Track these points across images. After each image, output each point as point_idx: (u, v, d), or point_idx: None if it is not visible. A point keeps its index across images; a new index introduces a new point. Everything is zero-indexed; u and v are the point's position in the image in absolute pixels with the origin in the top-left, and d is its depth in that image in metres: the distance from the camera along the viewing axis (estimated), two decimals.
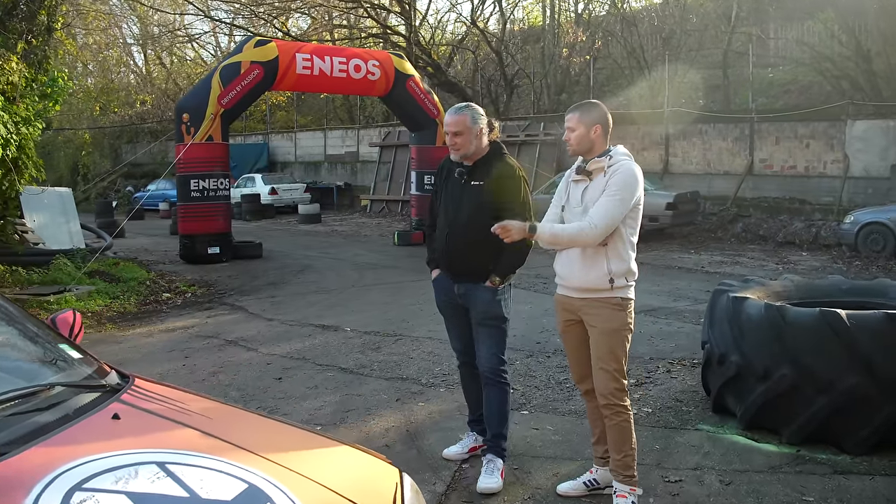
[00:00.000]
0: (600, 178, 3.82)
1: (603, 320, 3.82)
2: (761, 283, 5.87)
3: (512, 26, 29.99)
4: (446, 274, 4.37)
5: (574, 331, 4.01)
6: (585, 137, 3.88)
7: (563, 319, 4.06)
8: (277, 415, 5.37)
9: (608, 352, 3.82)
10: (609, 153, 3.86)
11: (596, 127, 3.86)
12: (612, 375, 3.81)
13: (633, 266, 3.86)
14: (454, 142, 4.21)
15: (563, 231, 3.81)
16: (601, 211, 3.72)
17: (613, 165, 3.81)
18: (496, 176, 4.22)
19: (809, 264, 13.36)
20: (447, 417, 5.31)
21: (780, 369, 4.72)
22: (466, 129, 4.19)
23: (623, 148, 3.94)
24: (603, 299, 3.82)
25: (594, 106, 3.96)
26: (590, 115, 3.89)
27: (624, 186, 3.74)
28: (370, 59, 16.20)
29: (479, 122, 4.23)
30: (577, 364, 4.07)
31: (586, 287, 3.85)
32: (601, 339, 3.83)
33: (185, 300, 10.47)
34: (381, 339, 7.81)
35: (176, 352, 7.40)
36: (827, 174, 17.53)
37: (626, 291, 3.84)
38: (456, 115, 4.21)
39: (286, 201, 27.58)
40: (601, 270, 3.79)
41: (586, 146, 3.90)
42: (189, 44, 36.75)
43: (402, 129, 26.16)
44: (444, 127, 4.28)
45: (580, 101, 4.07)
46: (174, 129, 14.73)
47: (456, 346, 4.57)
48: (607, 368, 3.81)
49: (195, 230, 14.11)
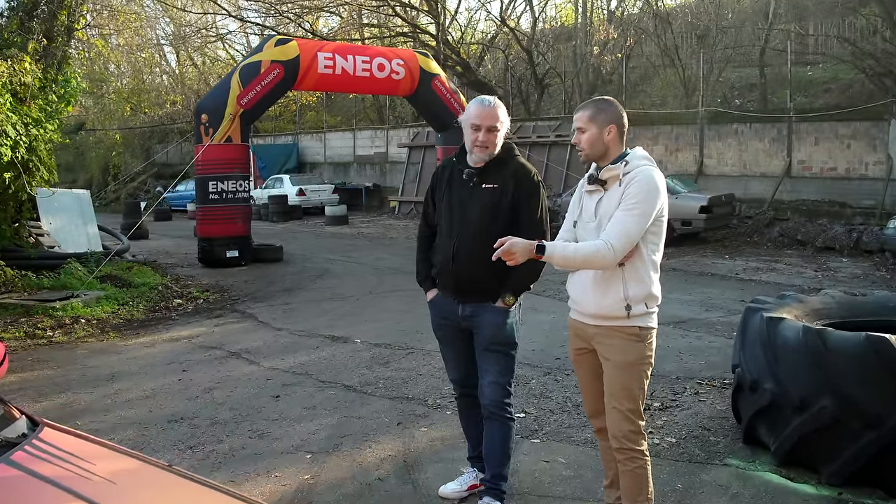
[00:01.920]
0: (616, 188, 3.32)
1: (618, 352, 3.33)
2: (798, 299, 5.32)
3: (543, 25, 29.46)
4: (448, 294, 3.85)
5: (587, 360, 3.54)
6: (598, 140, 3.37)
7: (575, 347, 3.58)
8: (268, 438, 4.98)
9: (622, 389, 3.33)
10: (625, 158, 3.36)
11: (610, 127, 3.36)
12: (626, 416, 3.32)
13: (654, 290, 3.36)
14: (487, 139, 3.65)
15: (575, 252, 3.27)
16: (618, 228, 3.21)
17: (630, 173, 3.30)
18: (513, 178, 3.72)
19: (850, 271, 12.71)
20: (450, 446, 4.86)
21: (819, 400, 4.21)
22: (501, 127, 3.69)
23: (642, 150, 3.44)
24: (618, 328, 3.33)
25: (607, 103, 3.43)
26: (603, 113, 3.37)
27: (643, 198, 3.22)
28: (394, 58, 15.82)
29: (507, 117, 3.75)
30: (590, 398, 3.60)
31: (600, 314, 3.36)
32: (615, 374, 3.34)
33: (196, 307, 10.15)
34: (390, 353, 7.38)
35: (175, 364, 7.04)
36: (868, 176, 16.81)
37: (645, 320, 3.34)
38: (490, 109, 3.67)
39: (314, 202, 27.32)
40: (617, 295, 3.30)
41: (599, 150, 3.39)
42: (219, 43, 36.66)
43: (431, 130, 25.78)
44: (474, 120, 3.64)
45: (591, 99, 3.52)
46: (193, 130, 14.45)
47: (454, 375, 4.05)
48: (620, 408, 3.32)
49: (214, 233, 13.81)
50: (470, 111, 3.72)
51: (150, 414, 5.55)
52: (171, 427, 5.26)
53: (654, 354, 3.40)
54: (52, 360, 7.24)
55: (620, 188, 3.29)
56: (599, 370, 3.46)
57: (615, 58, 23.32)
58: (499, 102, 3.74)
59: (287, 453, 4.76)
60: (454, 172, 3.86)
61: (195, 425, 5.28)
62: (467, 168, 3.78)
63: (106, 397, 6.01)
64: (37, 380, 6.58)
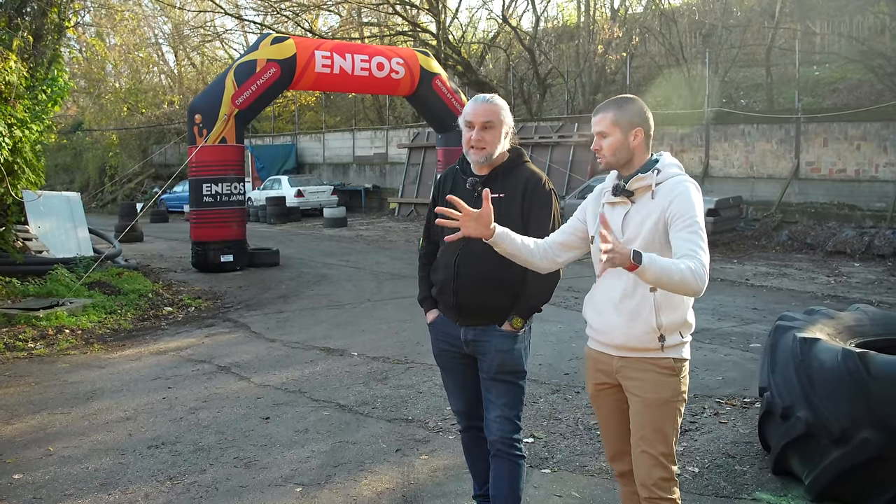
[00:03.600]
0: (646, 201, 2.89)
1: (649, 389, 2.89)
2: (829, 314, 4.90)
3: (545, 24, 29.06)
4: (450, 316, 3.44)
5: (609, 397, 3.09)
6: (623, 145, 2.93)
7: (596, 381, 3.11)
8: (255, 468, 4.58)
9: (654, 430, 2.89)
10: (655, 166, 2.92)
11: (636, 131, 2.92)
12: (658, 462, 2.88)
13: (689, 317, 2.93)
14: (481, 137, 3.25)
15: (673, 268, 2.59)
16: (698, 249, 2.69)
17: (665, 184, 2.87)
18: (523, 188, 3.31)
19: (864, 277, 12.32)
20: (453, 477, 4.45)
21: (861, 432, 3.81)
22: (498, 125, 3.28)
23: (671, 156, 2.99)
24: (649, 360, 2.89)
25: (631, 102, 2.97)
26: (628, 115, 2.92)
27: (698, 213, 2.78)
28: (394, 57, 15.42)
29: (509, 117, 3.33)
30: (613, 439, 3.14)
31: (628, 345, 2.92)
32: (646, 414, 2.90)
33: (187, 315, 9.74)
34: (389, 368, 6.97)
35: (160, 380, 6.63)
36: (879, 178, 16.40)
37: (679, 350, 2.91)
38: (484, 104, 3.28)
39: (313, 204, 26.94)
40: (647, 324, 2.86)
41: (623, 157, 2.95)
42: (218, 43, 36.28)
43: (431, 130, 25.39)
44: (467, 117, 3.28)
45: (611, 98, 3.07)
46: (187, 130, 14.04)
47: (458, 406, 3.62)
48: (652, 452, 2.88)
49: (208, 237, 13.41)
50: (465, 109, 3.33)
51: (130, 438, 5.14)
52: (150, 454, 4.84)
53: (686, 391, 2.97)
54: (30, 375, 6.83)
55: (654, 201, 2.86)
56: (624, 407, 3.03)
57: (619, 57, 22.90)
58: (498, 100, 3.33)
59: (275, 485, 4.35)
60: (457, 181, 3.45)
61: (177, 451, 4.87)
62: (471, 177, 3.38)
63: (84, 418, 5.60)
64: (11, 397, 6.17)
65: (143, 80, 39.20)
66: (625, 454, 3.09)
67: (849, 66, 19.17)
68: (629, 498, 3.16)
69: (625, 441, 3.07)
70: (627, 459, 3.08)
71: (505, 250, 3.00)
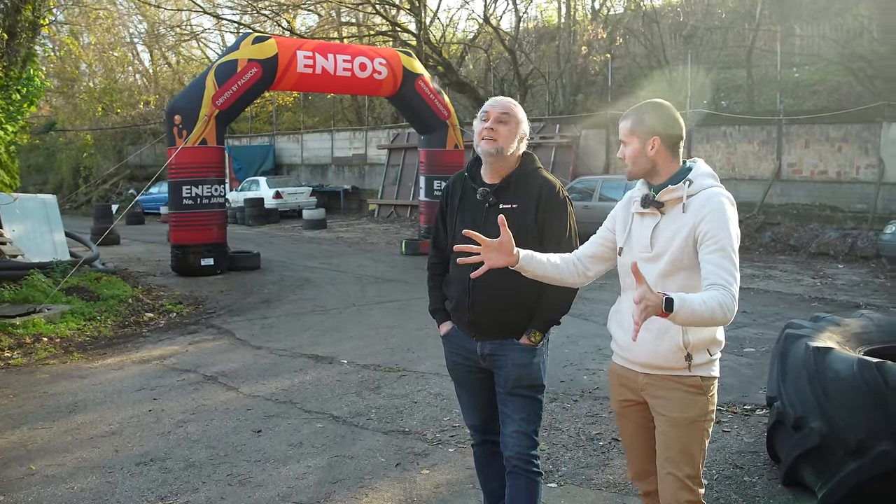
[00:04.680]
0: (677, 213, 2.75)
1: (676, 408, 2.77)
2: (835, 321, 4.81)
3: (526, 24, 28.98)
4: (465, 331, 3.29)
5: (634, 415, 2.96)
6: (641, 155, 2.81)
7: (621, 398, 2.99)
8: (250, 485, 4.40)
9: (681, 451, 2.76)
10: (686, 176, 2.77)
11: (653, 140, 2.78)
12: (684, 484, 2.75)
13: (719, 334, 2.81)
14: (496, 129, 3.12)
15: (703, 309, 2.49)
16: (728, 276, 2.58)
17: (697, 196, 2.72)
18: (537, 197, 3.17)
19: (849, 279, 12.32)
20: (457, 493, 4.30)
21: (880, 444, 3.71)
22: (514, 121, 3.16)
23: (705, 166, 2.86)
24: (676, 379, 2.77)
25: (652, 109, 2.83)
26: (645, 123, 2.79)
27: (731, 231, 2.66)
28: (376, 58, 15.23)
29: (525, 122, 3.22)
30: (638, 458, 3.02)
31: (654, 363, 2.80)
32: (672, 434, 2.78)
33: (169, 321, 9.50)
34: (381, 376, 6.81)
35: (145, 391, 6.41)
36: (860, 180, 16.44)
37: (708, 369, 2.79)
38: (502, 101, 3.19)
39: (291, 205, 26.70)
40: (674, 342, 2.74)
41: (644, 167, 2.82)
42: (194, 42, 35.82)
43: (411, 131, 25.22)
44: (484, 108, 3.17)
45: (640, 103, 2.90)
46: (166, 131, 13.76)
47: (472, 420, 3.47)
48: (678, 474, 2.76)
49: (187, 240, 13.16)
50: (486, 105, 3.21)
51: (117, 455, 4.93)
52: (139, 471, 4.64)
53: (715, 410, 2.83)
54: (8, 387, 6.58)
55: (685, 215, 2.72)
56: (650, 425, 2.91)
57: (603, 58, 22.85)
58: (515, 103, 3.22)
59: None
60: (466, 191, 3.29)
61: (167, 469, 4.67)
62: (482, 186, 3.22)
63: (67, 433, 5.37)
64: None
65: (118, 80, 38.64)
66: (649, 473, 2.97)
67: (829, 67, 19.22)
68: None
69: (649, 460, 2.95)
70: (652, 479, 2.96)
71: (533, 273, 2.90)
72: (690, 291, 2.71)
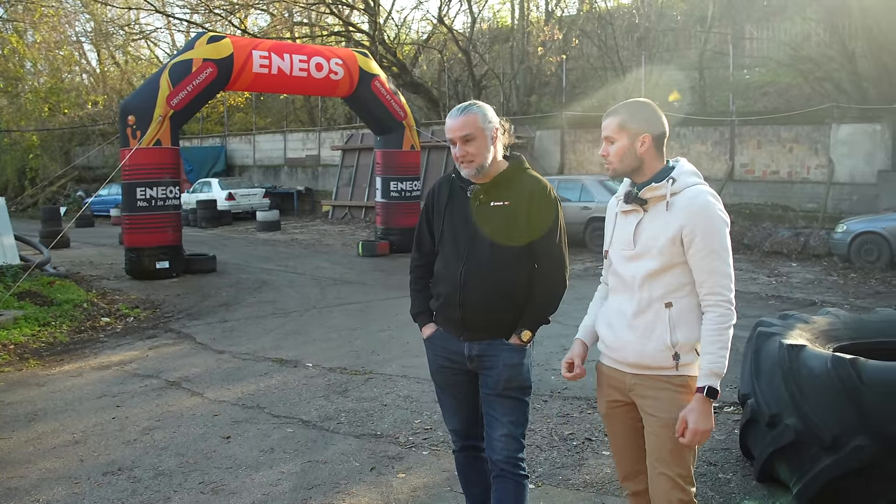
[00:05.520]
0: (660, 211, 2.75)
1: (664, 408, 2.75)
2: (803, 319, 4.87)
3: (480, 25, 29.04)
4: (453, 330, 3.23)
5: (623, 415, 2.95)
6: (629, 152, 2.79)
7: (609, 399, 2.98)
8: (223, 493, 4.30)
9: (671, 451, 2.75)
10: (670, 175, 2.77)
11: (643, 137, 2.77)
12: (676, 483, 2.75)
13: None
14: (465, 152, 3.07)
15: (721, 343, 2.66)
16: (720, 280, 2.67)
17: (681, 194, 2.73)
18: (528, 196, 3.13)
19: (803, 277, 12.56)
20: (435, 496, 4.26)
21: (854, 439, 3.76)
22: (479, 133, 3.08)
23: (688, 164, 2.85)
24: (664, 378, 2.76)
25: (641, 107, 2.83)
26: (635, 120, 2.79)
27: (718, 234, 2.68)
28: (333, 58, 15.11)
29: (491, 121, 3.12)
30: (626, 458, 3.01)
31: (642, 363, 2.80)
32: (662, 434, 2.76)
33: (127, 326, 9.29)
34: (348, 379, 6.73)
35: (106, 398, 6.25)
36: (811, 180, 16.84)
37: (695, 368, 2.76)
38: (461, 116, 3.09)
39: (244, 207, 26.39)
40: (661, 342, 2.74)
41: (631, 164, 2.81)
42: (143, 41, 35.23)
43: (365, 132, 25.09)
44: (447, 134, 3.11)
45: (625, 101, 2.90)
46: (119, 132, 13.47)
47: (456, 425, 3.40)
48: (669, 474, 2.75)
49: (142, 243, 12.89)
50: (447, 124, 3.15)
51: (82, 464, 4.78)
52: (107, 481, 4.50)
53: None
54: None
55: (670, 213, 2.72)
56: (638, 426, 2.90)
57: (558, 59, 22.99)
58: (476, 107, 3.13)
59: None
60: (454, 191, 3.25)
61: (136, 478, 4.55)
62: (470, 185, 3.19)
63: (28, 443, 5.20)
64: None
65: (64, 80, 37.74)
66: (638, 473, 2.97)
67: (779, 70, 19.62)
68: None
69: (638, 461, 2.95)
70: (641, 479, 2.96)
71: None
72: (678, 290, 2.76)
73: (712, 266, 2.66)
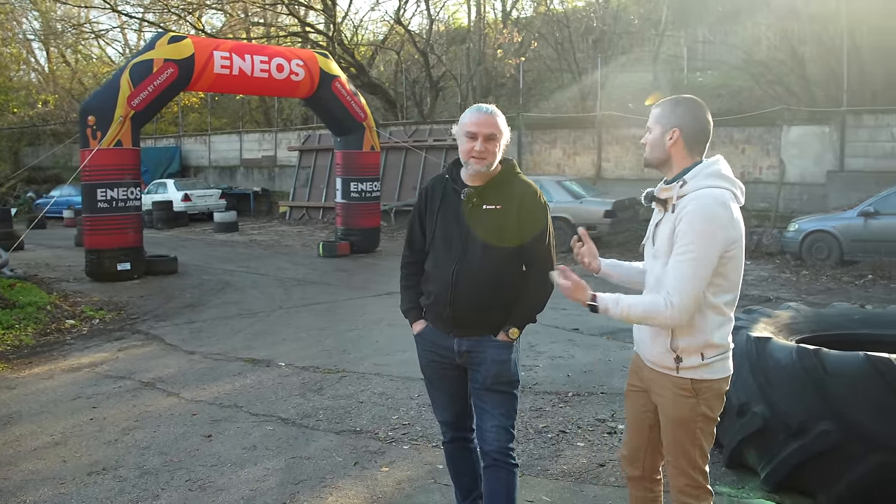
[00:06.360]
0: (670, 212, 2.83)
1: (667, 406, 2.91)
2: (766, 313, 5.11)
3: (437, 27, 29.20)
4: (443, 326, 3.35)
5: (638, 400, 3.12)
6: (658, 143, 2.87)
7: (631, 382, 3.17)
8: (211, 490, 4.37)
9: (675, 445, 2.92)
10: (683, 176, 2.82)
11: (673, 131, 2.82)
12: (682, 471, 2.92)
13: (716, 338, 2.83)
14: (484, 148, 3.18)
15: (634, 307, 2.78)
16: (672, 282, 2.72)
17: (686, 197, 2.77)
18: (519, 201, 3.27)
19: (757, 274, 12.92)
20: (420, 489, 4.38)
21: (819, 424, 3.98)
22: (500, 135, 3.23)
23: (714, 166, 2.84)
24: (668, 378, 2.90)
25: (681, 102, 2.88)
26: (671, 113, 2.85)
27: (695, 237, 2.68)
28: (294, 59, 15.12)
29: (507, 128, 3.29)
30: (633, 441, 3.18)
31: (652, 360, 2.96)
32: (667, 428, 2.94)
33: (93, 328, 9.24)
34: (322, 377, 6.82)
35: (81, 399, 6.25)
36: (762, 180, 17.29)
37: (701, 372, 2.84)
38: (487, 116, 3.22)
39: (200, 208, 26.15)
40: (662, 345, 2.87)
41: (659, 156, 2.89)
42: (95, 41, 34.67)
43: (322, 133, 25.06)
44: (470, 128, 3.19)
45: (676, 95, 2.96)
46: (79, 133, 13.32)
47: (444, 417, 3.55)
48: (675, 463, 2.94)
49: (103, 244, 12.77)
50: (465, 119, 3.26)
51: (65, 465, 4.80)
52: (93, 481, 4.54)
53: (715, 411, 2.92)
54: None
55: (673, 214, 2.80)
56: (648, 413, 3.08)
57: (517, 61, 23.23)
58: (497, 111, 3.29)
59: None
60: (448, 192, 3.37)
61: (122, 477, 4.59)
62: (465, 187, 3.32)
63: (7, 445, 5.19)
64: None
65: (13, 78, 36.98)
66: (638, 458, 3.15)
67: (732, 73, 20.09)
68: (638, 502, 3.21)
69: (640, 447, 3.13)
70: (639, 465, 3.15)
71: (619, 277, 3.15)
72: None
73: (676, 269, 2.73)
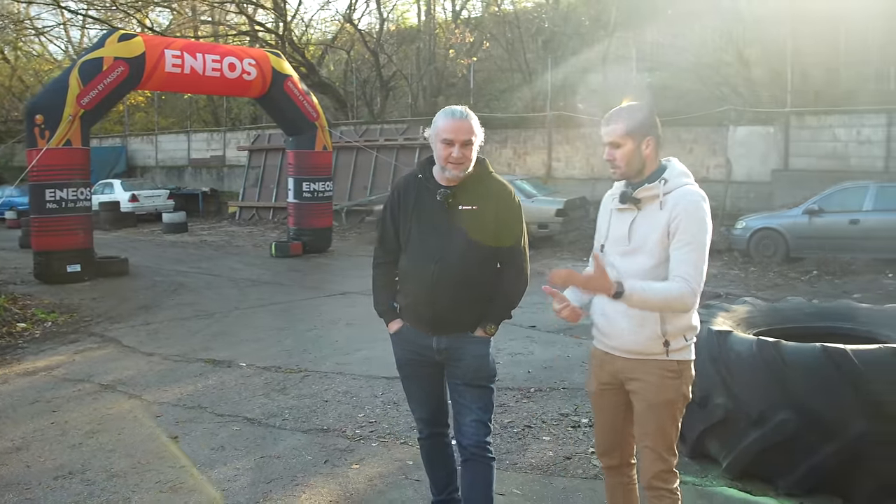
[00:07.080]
0: (654, 209, 2.95)
1: (653, 391, 3.00)
2: (724, 308, 5.28)
3: (388, 27, 29.19)
4: (421, 325, 3.39)
5: (612, 397, 3.19)
6: (635, 156, 2.97)
7: (601, 381, 3.21)
8: (183, 491, 4.36)
9: (657, 429, 3.02)
10: (662, 175, 2.97)
11: (648, 140, 2.95)
12: (660, 456, 3.03)
13: (694, 320, 3.03)
14: (462, 154, 3.22)
15: (654, 294, 2.83)
16: (691, 270, 2.84)
17: (672, 193, 2.92)
18: (495, 200, 3.33)
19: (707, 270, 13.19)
20: (392, 485, 4.42)
21: (778, 414, 4.13)
22: (474, 140, 3.27)
23: (679, 164, 3.06)
24: (654, 363, 3.00)
25: (641, 111, 2.98)
26: (640, 124, 2.94)
27: (699, 226, 2.87)
28: (246, 58, 15.01)
29: (481, 130, 3.33)
30: (608, 435, 3.27)
31: (635, 349, 3.03)
32: (649, 414, 3.03)
33: (45, 331, 9.07)
34: (284, 377, 6.81)
35: (40, 403, 6.15)
36: (710, 179, 17.64)
37: (684, 353, 3.02)
38: (463, 121, 3.24)
39: (148, 209, 25.77)
40: (652, 331, 2.97)
41: (637, 167, 2.99)
42: (36, 38, 33.87)
43: (272, 132, 24.89)
44: (447, 135, 3.21)
45: (619, 106, 3.03)
46: (24, 132, 13.04)
47: (423, 414, 3.60)
48: (654, 448, 3.03)
49: (52, 246, 12.53)
50: (439, 124, 3.27)
51: (29, 470, 4.72)
52: (60, 485, 4.47)
53: (690, 392, 3.09)
54: None
55: (662, 212, 2.92)
56: (623, 407, 3.17)
57: (469, 61, 23.34)
58: (471, 113, 3.33)
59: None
60: (422, 192, 3.39)
61: (89, 480, 4.54)
62: (440, 188, 3.35)
63: None
64: None
65: None
66: (614, 449, 3.25)
67: (679, 74, 20.45)
68: (615, 489, 3.33)
69: (616, 439, 3.23)
70: (616, 454, 3.25)
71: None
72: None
73: (686, 257, 2.86)
